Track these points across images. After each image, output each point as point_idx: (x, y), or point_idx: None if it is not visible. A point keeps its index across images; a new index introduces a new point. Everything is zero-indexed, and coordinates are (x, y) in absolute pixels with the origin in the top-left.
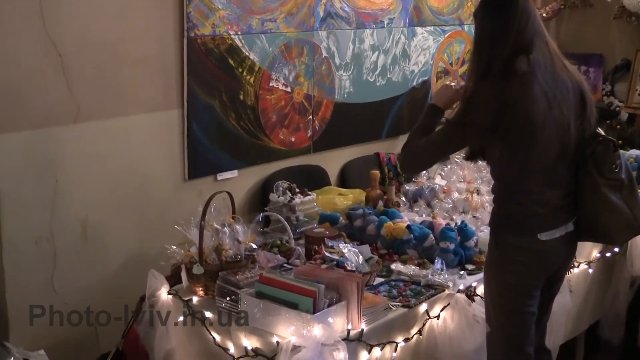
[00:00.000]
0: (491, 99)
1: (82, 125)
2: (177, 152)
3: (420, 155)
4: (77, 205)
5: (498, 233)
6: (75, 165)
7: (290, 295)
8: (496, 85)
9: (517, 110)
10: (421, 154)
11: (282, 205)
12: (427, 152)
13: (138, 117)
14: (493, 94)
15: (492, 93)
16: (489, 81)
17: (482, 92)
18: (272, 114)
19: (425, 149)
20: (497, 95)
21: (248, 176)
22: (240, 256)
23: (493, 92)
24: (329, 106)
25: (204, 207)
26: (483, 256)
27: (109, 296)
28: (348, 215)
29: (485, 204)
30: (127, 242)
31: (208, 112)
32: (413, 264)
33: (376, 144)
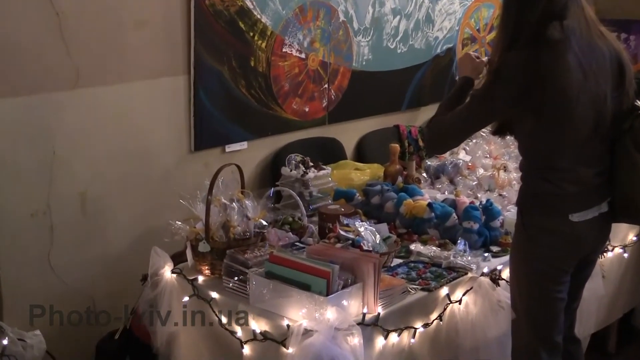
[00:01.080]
0: (520, 70)
1: (81, 91)
2: (182, 121)
3: (445, 133)
4: (76, 177)
5: (526, 213)
6: (73, 135)
7: (302, 275)
8: (526, 55)
9: (549, 82)
10: (446, 131)
11: (295, 180)
12: (452, 129)
13: (141, 83)
14: (522, 64)
15: (522, 63)
16: (518, 50)
17: (510, 62)
18: (284, 82)
19: (450, 126)
20: (526, 66)
21: (258, 148)
22: (249, 233)
23: (522, 63)
24: (346, 74)
25: (211, 181)
26: (509, 237)
27: (108, 274)
28: (365, 191)
29: (512, 181)
30: (129, 217)
31: (216, 79)
32: (434, 244)
33: (396, 115)
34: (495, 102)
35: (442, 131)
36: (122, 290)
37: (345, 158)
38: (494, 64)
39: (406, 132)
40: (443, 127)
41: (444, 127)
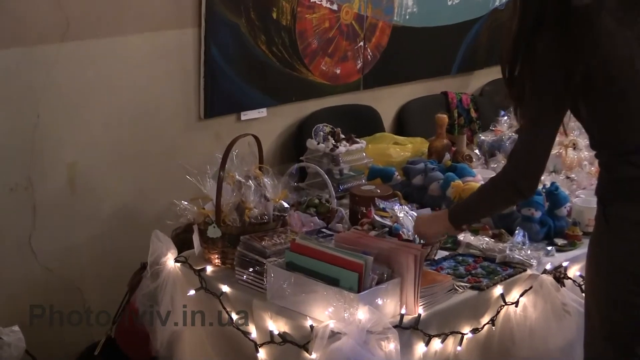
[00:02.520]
0: (553, 53)
1: (71, 45)
2: (190, 83)
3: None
4: (64, 146)
5: (607, 203)
6: (61, 96)
7: (330, 268)
8: (555, 33)
9: (589, 55)
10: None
11: (323, 155)
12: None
13: (142, 37)
14: (554, 46)
15: (553, 45)
16: (544, 31)
17: (539, 48)
18: (312, 39)
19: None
20: (559, 46)
21: (280, 116)
22: (268, 217)
23: (553, 44)
24: (385, 30)
25: (223, 154)
26: (577, 229)
27: (101, 262)
28: (405, 170)
29: (583, 161)
30: (126, 194)
31: (231, 33)
32: (487, 234)
33: (444, 80)
34: (539, 101)
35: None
36: (117, 282)
37: (382, 130)
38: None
39: (456, 101)
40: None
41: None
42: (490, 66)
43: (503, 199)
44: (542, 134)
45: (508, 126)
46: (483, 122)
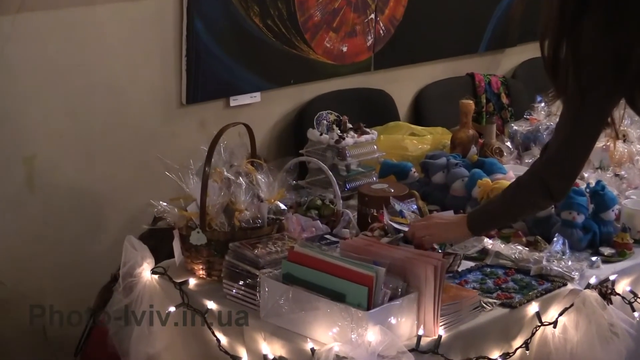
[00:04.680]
0: (602, 35)
1: (27, 16)
2: (170, 62)
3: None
4: (20, 137)
5: None
6: (16, 78)
7: (335, 281)
8: (604, 12)
9: None
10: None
11: (327, 148)
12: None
13: (112, 6)
14: (603, 27)
15: (601, 26)
16: (591, 10)
17: (586, 29)
18: (314, 10)
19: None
20: (610, 27)
21: (276, 102)
22: (262, 221)
23: (602, 25)
24: (400, 0)
25: (209, 147)
26: (628, 236)
27: (65, 273)
28: (424, 165)
29: (635, 156)
30: (94, 194)
31: (219, 3)
32: (520, 242)
33: (470, 60)
34: (589, 97)
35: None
36: (82, 297)
37: (397, 118)
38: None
39: (484, 84)
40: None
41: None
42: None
43: (529, 201)
44: (584, 128)
45: (546, 114)
46: (516, 110)
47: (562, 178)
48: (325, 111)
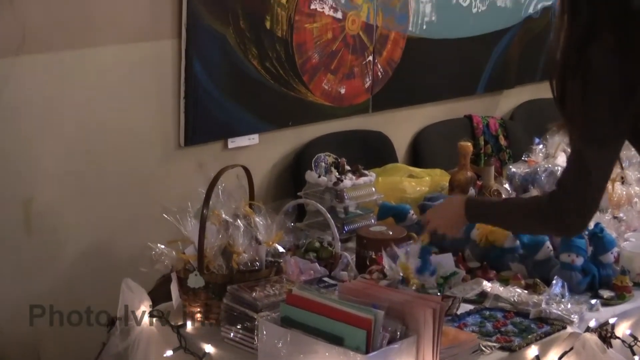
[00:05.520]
0: (610, 64)
1: (27, 59)
2: (169, 104)
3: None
4: (18, 180)
5: None
6: (15, 120)
7: (333, 324)
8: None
9: None
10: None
11: (325, 190)
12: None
13: (112, 49)
14: (611, 56)
15: (609, 55)
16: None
17: (594, 58)
18: (313, 52)
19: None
20: (618, 55)
21: (274, 144)
22: (260, 263)
23: (610, 54)
24: (398, 42)
25: (207, 189)
26: (627, 279)
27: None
28: (422, 207)
29: (633, 198)
30: (91, 236)
31: (217, 45)
32: (519, 285)
33: (468, 102)
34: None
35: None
36: (79, 341)
37: (395, 160)
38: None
39: (482, 126)
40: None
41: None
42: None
43: (544, 226)
44: (601, 160)
45: (544, 156)
46: (514, 151)
47: (583, 214)
48: (324, 153)
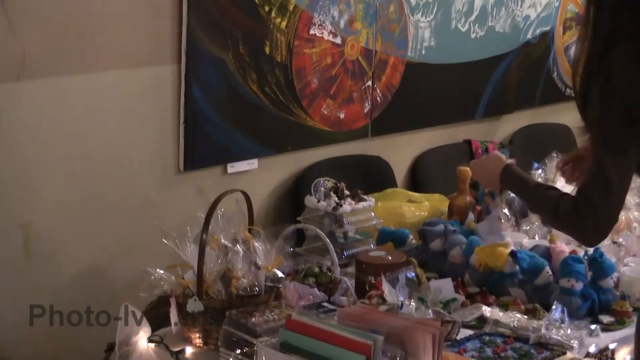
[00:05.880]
0: (634, 78)
1: (27, 84)
2: (168, 128)
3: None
4: (17, 203)
5: None
6: (15, 145)
7: (332, 350)
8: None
9: None
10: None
11: (324, 215)
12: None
13: (111, 74)
14: (633, 70)
15: (632, 69)
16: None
17: (618, 64)
18: (312, 77)
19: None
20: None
21: (274, 169)
22: (259, 288)
23: (631, 64)
24: (397, 67)
25: (206, 214)
26: (627, 304)
27: (59, 342)
28: (422, 232)
29: (633, 223)
30: (90, 261)
31: (217, 70)
32: (518, 310)
33: (467, 126)
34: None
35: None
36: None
37: (395, 185)
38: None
39: (481, 151)
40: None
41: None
42: (522, 109)
43: (561, 229)
44: (619, 169)
45: (543, 181)
46: None
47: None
48: (323, 178)
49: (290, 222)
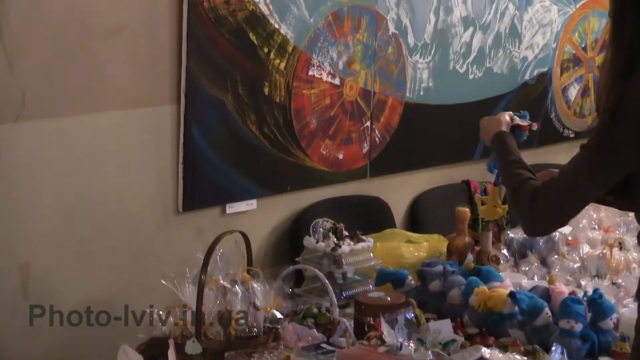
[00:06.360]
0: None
1: (27, 125)
2: (167, 169)
3: (550, 209)
4: (15, 244)
5: None
6: (14, 185)
7: None
8: None
9: None
10: (551, 206)
11: (323, 255)
12: (560, 201)
13: (111, 115)
14: None
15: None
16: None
17: (633, 95)
18: (310, 118)
19: (557, 197)
20: None
21: (272, 209)
22: (258, 329)
23: None
24: (396, 108)
25: (205, 254)
26: (627, 345)
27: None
28: (420, 273)
29: (632, 264)
30: (89, 302)
31: (216, 111)
32: (518, 351)
33: (466, 167)
34: (617, 155)
35: (546, 206)
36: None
37: (393, 225)
38: (607, 99)
39: (480, 191)
40: (544, 200)
41: (547, 200)
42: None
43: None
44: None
45: None
46: (512, 217)
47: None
48: (322, 219)
49: (289, 262)
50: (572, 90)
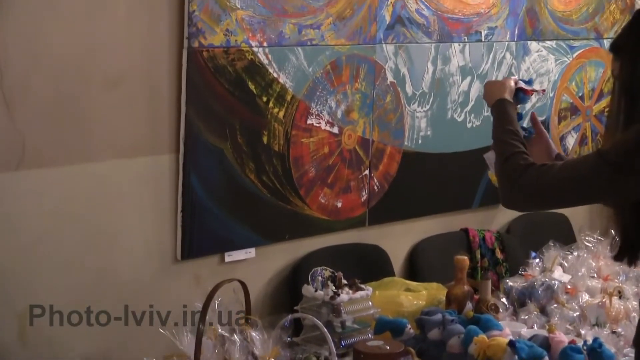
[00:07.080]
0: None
1: (26, 174)
2: (166, 217)
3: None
4: (14, 292)
5: None
6: (13, 233)
7: None
8: None
9: None
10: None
11: (322, 304)
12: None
13: (110, 164)
14: None
15: None
16: None
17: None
18: (309, 166)
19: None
20: None
21: (271, 258)
22: None
23: None
24: (394, 157)
25: (204, 303)
26: None
27: None
28: (419, 322)
29: (631, 313)
30: (86, 350)
31: (215, 160)
32: None
33: (464, 215)
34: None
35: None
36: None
37: (392, 274)
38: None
39: (478, 239)
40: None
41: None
42: None
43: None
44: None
45: (540, 270)
46: (511, 265)
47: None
48: (320, 267)
49: (288, 311)
50: (570, 138)
